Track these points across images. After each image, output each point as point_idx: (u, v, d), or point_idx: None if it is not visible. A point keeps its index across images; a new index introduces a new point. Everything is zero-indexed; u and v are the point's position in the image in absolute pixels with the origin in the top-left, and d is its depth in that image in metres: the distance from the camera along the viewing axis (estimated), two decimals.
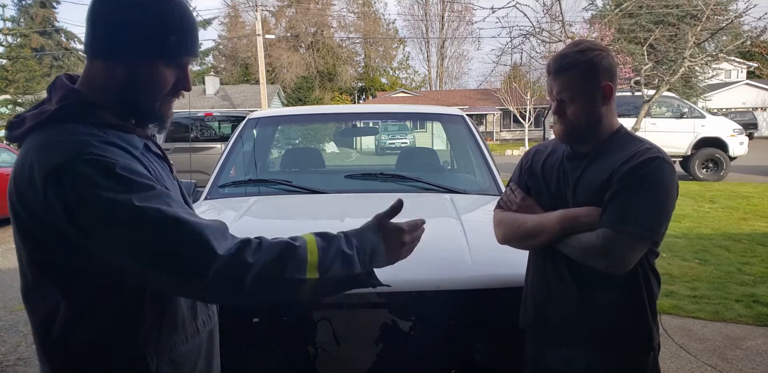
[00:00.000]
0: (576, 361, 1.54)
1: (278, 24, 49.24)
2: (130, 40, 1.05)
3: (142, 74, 1.07)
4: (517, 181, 1.69)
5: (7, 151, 9.38)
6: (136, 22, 1.05)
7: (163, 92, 1.11)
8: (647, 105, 9.53)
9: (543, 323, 1.60)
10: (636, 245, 1.41)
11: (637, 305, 1.51)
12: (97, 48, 1.07)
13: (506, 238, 1.63)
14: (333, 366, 1.83)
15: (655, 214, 1.42)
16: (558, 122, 1.52)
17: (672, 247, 6.16)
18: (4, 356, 3.65)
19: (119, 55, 1.06)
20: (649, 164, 1.43)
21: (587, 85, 1.47)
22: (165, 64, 1.08)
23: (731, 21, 10.08)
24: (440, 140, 10.61)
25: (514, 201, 1.63)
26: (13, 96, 23.78)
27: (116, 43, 1.06)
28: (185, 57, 1.11)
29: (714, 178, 12.29)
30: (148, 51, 1.06)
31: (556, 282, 1.56)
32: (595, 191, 1.47)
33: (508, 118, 35.79)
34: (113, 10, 1.06)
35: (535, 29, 10.50)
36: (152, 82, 1.08)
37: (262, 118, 3.62)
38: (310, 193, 2.80)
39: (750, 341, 3.65)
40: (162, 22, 1.06)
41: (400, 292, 1.83)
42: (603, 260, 1.41)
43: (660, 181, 1.43)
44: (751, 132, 25.02)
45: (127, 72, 1.07)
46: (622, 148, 1.50)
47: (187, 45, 1.10)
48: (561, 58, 1.48)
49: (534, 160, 1.67)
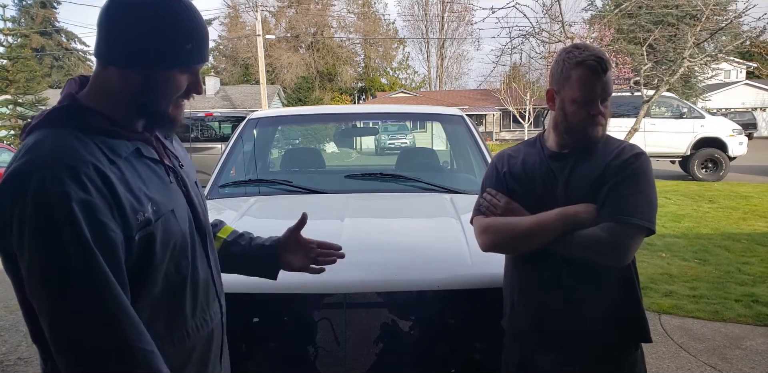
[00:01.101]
0: (565, 362, 1.55)
1: (278, 24, 49.26)
2: (147, 49, 1.06)
3: (158, 81, 1.08)
4: (496, 185, 1.65)
5: (7, 152, 9.40)
6: (154, 31, 1.06)
7: (175, 96, 1.12)
8: (647, 105, 9.53)
9: (534, 326, 1.60)
10: (638, 236, 1.45)
11: (629, 303, 1.55)
12: (113, 55, 1.07)
13: (496, 244, 1.58)
14: (333, 366, 1.83)
15: (650, 205, 1.47)
16: (602, 123, 1.53)
17: (672, 247, 6.17)
18: (5, 355, 3.65)
19: (137, 63, 1.07)
20: (638, 159, 1.50)
21: None
22: (180, 71, 1.10)
23: (731, 21, 10.08)
24: (440, 140, 10.61)
25: (499, 205, 1.60)
26: (13, 96, 23.77)
27: (134, 52, 1.06)
28: (200, 64, 1.13)
29: (713, 178, 12.29)
30: (165, 59, 1.08)
31: (547, 284, 1.55)
32: (589, 187, 1.49)
33: (507, 118, 35.79)
34: (131, 19, 1.06)
35: (535, 29, 10.50)
36: (167, 88, 1.10)
37: (262, 118, 3.62)
38: (310, 193, 2.80)
39: (749, 340, 3.65)
40: (178, 30, 1.08)
41: (400, 292, 1.83)
42: (611, 252, 1.44)
43: (648, 175, 1.50)
44: (751, 132, 25.00)
45: (143, 79, 1.08)
46: (604, 146, 1.56)
47: (201, 52, 1.12)
48: (603, 58, 1.50)
49: (511, 164, 1.66)
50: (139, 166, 1.09)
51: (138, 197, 1.03)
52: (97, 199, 0.96)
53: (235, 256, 1.43)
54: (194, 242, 1.17)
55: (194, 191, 1.24)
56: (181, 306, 1.12)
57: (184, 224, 1.14)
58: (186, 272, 1.13)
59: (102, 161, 1.01)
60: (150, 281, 1.05)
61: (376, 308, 1.85)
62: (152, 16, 1.06)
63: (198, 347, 1.17)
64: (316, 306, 1.83)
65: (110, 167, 1.01)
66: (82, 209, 0.93)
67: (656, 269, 5.31)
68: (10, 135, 23.97)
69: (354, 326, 1.82)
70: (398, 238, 2.24)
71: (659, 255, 5.82)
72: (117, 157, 1.05)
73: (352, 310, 1.82)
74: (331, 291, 1.80)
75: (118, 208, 0.99)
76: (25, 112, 24.20)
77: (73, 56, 46.80)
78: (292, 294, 1.81)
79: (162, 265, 1.07)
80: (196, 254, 1.17)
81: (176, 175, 1.19)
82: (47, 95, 25.89)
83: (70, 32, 46.47)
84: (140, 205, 1.03)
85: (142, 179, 1.08)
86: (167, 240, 1.08)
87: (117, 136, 1.07)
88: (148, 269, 1.05)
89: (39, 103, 24.65)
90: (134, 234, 1.01)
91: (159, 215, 1.07)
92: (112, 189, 0.99)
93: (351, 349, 1.82)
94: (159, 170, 1.14)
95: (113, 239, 0.97)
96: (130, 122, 1.11)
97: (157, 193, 1.09)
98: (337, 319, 1.82)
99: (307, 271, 1.44)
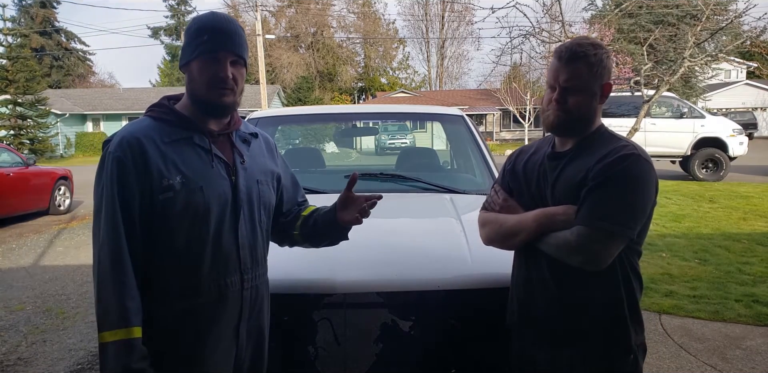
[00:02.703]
0: (558, 360, 1.55)
1: (278, 24, 49.26)
2: (185, 49, 1.44)
3: (194, 70, 1.43)
4: (501, 182, 1.71)
5: (8, 152, 9.39)
6: (187, 36, 1.45)
7: (211, 81, 1.40)
8: (647, 105, 9.51)
9: (526, 321, 1.62)
10: (609, 241, 1.40)
11: (615, 305, 1.51)
12: (179, 62, 1.50)
13: (490, 238, 1.64)
14: (333, 366, 1.83)
15: (627, 210, 1.42)
16: (556, 109, 1.51)
17: (672, 247, 6.17)
18: (5, 355, 3.65)
19: (182, 61, 1.46)
20: (623, 161, 1.44)
21: (593, 78, 1.49)
22: (206, 59, 1.41)
23: (731, 21, 10.06)
24: (440, 140, 10.61)
25: (497, 202, 1.65)
26: (13, 96, 23.78)
27: (182, 54, 1.46)
28: (219, 51, 1.40)
29: (714, 178, 12.29)
30: (192, 52, 1.42)
31: (537, 281, 1.57)
32: (573, 190, 1.48)
33: (507, 118, 35.78)
34: (184, 33, 1.50)
35: (535, 29, 10.48)
36: (201, 74, 1.41)
37: (262, 118, 3.62)
38: (310, 193, 2.79)
39: (750, 340, 3.65)
40: (198, 28, 1.42)
41: (400, 292, 1.83)
42: (577, 256, 1.42)
43: (632, 178, 1.43)
44: (751, 132, 25.03)
45: (189, 73, 1.44)
46: (601, 146, 1.51)
47: (217, 41, 1.41)
48: (575, 47, 1.48)
49: (516, 162, 1.70)
50: (186, 149, 1.42)
51: (168, 168, 1.37)
52: (129, 160, 1.35)
53: (314, 227, 1.67)
54: (223, 219, 1.43)
55: (245, 184, 1.49)
56: (197, 266, 1.40)
57: (213, 201, 1.41)
58: (206, 239, 1.40)
59: (154, 138, 1.39)
60: (167, 236, 1.38)
61: (376, 308, 1.84)
62: (189, 26, 1.45)
63: (208, 306, 1.41)
64: (316, 306, 1.82)
65: (156, 143, 1.38)
66: (115, 165, 1.36)
67: (656, 269, 5.31)
68: (10, 135, 23.96)
69: (354, 326, 1.82)
70: (398, 238, 2.24)
71: (659, 255, 5.81)
72: (168, 139, 1.41)
73: (352, 310, 1.82)
74: (331, 291, 1.80)
75: (145, 169, 1.35)
76: (24, 112, 24.20)
77: (72, 56, 46.79)
78: (293, 294, 1.81)
79: (180, 226, 1.37)
80: (223, 228, 1.43)
81: (226, 166, 1.47)
82: (46, 95, 25.89)
83: (70, 32, 46.51)
84: (169, 173, 1.37)
85: (182, 158, 1.40)
86: (186, 208, 1.37)
87: (178, 126, 1.44)
88: (164, 226, 1.37)
89: (38, 102, 24.66)
90: (157, 194, 1.36)
91: (185, 186, 1.37)
92: (145, 156, 1.36)
93: (351, 349, 1.82)
94: (205, 156, 1.44)
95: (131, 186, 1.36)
96: (199, 118, 1.46)
97: (191, 170, 1.40)
98: (337, 319, 1.81)
99: (356, 223, 1.63)
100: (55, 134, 27.32)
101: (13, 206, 8.76)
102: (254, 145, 1.60)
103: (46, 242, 7.53)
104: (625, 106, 12.28)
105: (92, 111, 32.64)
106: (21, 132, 24.35)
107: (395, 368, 1.83)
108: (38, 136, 24.98)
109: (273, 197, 1.62)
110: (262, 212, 1.55)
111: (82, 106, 32.77)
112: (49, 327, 4.17)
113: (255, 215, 1.52)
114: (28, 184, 9.07)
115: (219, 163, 1.46)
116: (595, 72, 1.49)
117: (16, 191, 8.81)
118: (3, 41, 25.77)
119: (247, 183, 1.50)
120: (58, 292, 4.98)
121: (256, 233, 1.53)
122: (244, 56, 1.45)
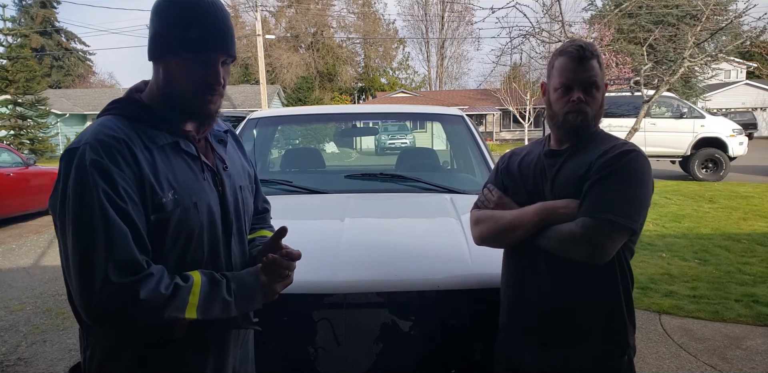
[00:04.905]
0: (550, 359, 1.54)
1: (278, 24, 49.25)
2: (160, 38, 1.17)
3: (172, 69, 1.17)
4: (494, 181, 1.72)
5: (8, 152, 9.38)
6: (164, 23, 1.17)
7: (196, 86, 1.17)
8: (647, 105, 9.51)
9: (518, 320, 1.61)
10: (615, 233, 1.41)
11: (612, 303, 1.51)
12: (147, 51, 1.19)
13: (483, 236, 1.63)
14: (333, 366, 1.83)
15: (631, 203, 1.43)
16: (579, 111, 1.51)
17: (672, 247, 6.17)
18: (5, 356, 3.65)
19: (152, 53, 1.19)
20: (624, 157, 1.46)
21: (603, 76, 1.53)
22: (192, 59, 1.16)
23: (731, 21, 10.05)
24: (440, 140, 10.61)
25: (491, 199, 1.66)
26: (13, 96, 23.75)
27: (151, 43, 1.18)
28: (209, 52, 1.16)
29: (713, 178, 12.29)
30: (172, 46, 1.15)
31: (531, 278, 1.56)
32: (574, 184, 1.49)
33: (507, 118, 35.78)
34: (152, 17, 1.18)
35: (535, 29, 10.47)
36: (182, 76, 1.17)
37: (262, 118, 3.62)
38: (311, 193, 2.80)
39: (750, 340, 3.65)
40: (183, 19, 1.15)
41: (400, 292, 1.83)
42: (584, 247, 1.41)
43: (635, 173, 1.46)
44: (751, 132, 25.01)
45: (163, 68, 1.18)
46: (599, 144, 1.54)
47: (208, 40, 1.16)
48: (586, 46, 1.50)
49: (510, 162, 1.72)
50: (174, 158, 1.18)
51: (160, 182, 1.13)
52: (124, 168, 1.09)
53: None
54: (217, 240, 1.24)
55: (232, 193, 1.30)
56: None
57: (206, 218, 1.20)
58: (200, 261, 1.20)
59: (136, 143, 1.12)
60: (161, 261, 1.12)
61: (376, 308, 1.84)
62: (163, 10, 1.17)
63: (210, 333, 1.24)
64: (316, 306, 1.82)
65: (143, 150, 1.12)
66: (101, 174, 1.07)
67: (656, 269, 5.31)
68: (10, 135, 23.95)
69: (354, 326, 1.82)
70: (398, 238, 2.24)
71: (659, 255, 5.81)
72: (153, 145, 1.15)
73: (352, 310, 1.82)
74: (331, 291, 1.80)
75: (139, 180, 1.10)
76: (24, 112, 24.18)
77: (72, 56, 46.79)
78: (292, 294, 1.80)
79: (171, 253, 1.15)
80: (218, 250, 1.24)
81: (213, 175, 1.26)
82: (47, 95, 25.87)
83: (70, 32, 46.51)
84: (161, 189, 1.12)
85: (172, 169, 1.16)
86: (179, 231, 1.15)
87: (158, 128, 1.18)
88: (158, 251, 1.13)
89: (39, 103, 24.63)
90: (149, 214, 1.11)
91: (178, 205, 1.14)
92: (138, 165, 1.10)
93: (351, 349, 1.82)
94: (194, 165, 1.22)
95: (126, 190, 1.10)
96: (175, 119, 1.21)
97: (182, 183, 1.16)
98: (337, 319, 1.81)
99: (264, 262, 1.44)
100: (55, 134, 27.31)
101: (13, 206, 8.76)
102: (229, 145, 1.40)
103: (46, 242, 7.52)
104: (625, 106, 12.27)
105: (92, 111, 32.64)
106: (21, 132, 24.34)
107: (395, 368, 1.83)
108: (38, 137, 24.96)
109: (252, 202, 1.45)
110: (246, 222, 1.37)
111: (82, 106, 32.80)
112: (49, 327, 4.17)
113: (243, 228, 1.35)
114: (28, 184, 9.07)
115: (208, 172, 1.24)
116: (603, 70, 1.54)
117: (16, 191, 8.81)
118: (3, 41, 25.76)
119: (233, 193, 1.30)
120: (58, 292, 4.98)
121: (245, 248, 1.37)
122: (235, 54, 1.23)
